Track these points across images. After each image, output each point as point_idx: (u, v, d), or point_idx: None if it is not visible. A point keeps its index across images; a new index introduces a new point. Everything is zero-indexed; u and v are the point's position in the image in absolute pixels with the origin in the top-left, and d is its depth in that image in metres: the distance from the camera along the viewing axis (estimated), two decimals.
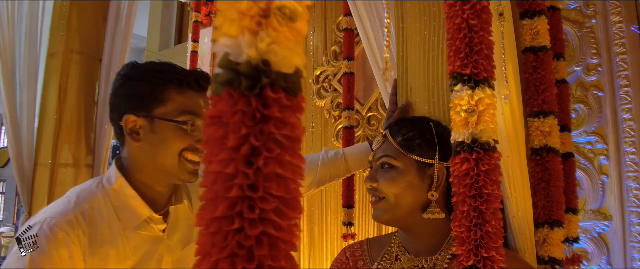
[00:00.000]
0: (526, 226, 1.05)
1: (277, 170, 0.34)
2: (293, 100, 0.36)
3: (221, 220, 0.33)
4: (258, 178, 0.34)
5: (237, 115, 0.34)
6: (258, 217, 0.34)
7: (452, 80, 0.71)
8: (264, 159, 0.34)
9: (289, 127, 0.35)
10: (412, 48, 1.22)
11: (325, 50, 3.04)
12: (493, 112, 0.70)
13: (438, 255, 0.97)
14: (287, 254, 0.35)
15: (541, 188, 1.13)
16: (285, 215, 0.35)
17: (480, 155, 0.69)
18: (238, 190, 0.33)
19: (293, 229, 0.36)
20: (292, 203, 0.35)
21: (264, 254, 0.33)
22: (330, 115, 2.94)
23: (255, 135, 0.34)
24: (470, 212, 0.69)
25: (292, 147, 0.35)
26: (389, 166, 1.00)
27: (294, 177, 0.35)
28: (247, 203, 0.33)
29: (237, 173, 0.33)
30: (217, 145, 0.34)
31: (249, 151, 0.34)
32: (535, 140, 1.15)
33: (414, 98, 1.20)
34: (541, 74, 1.14)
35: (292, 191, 0.35)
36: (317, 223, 2.86)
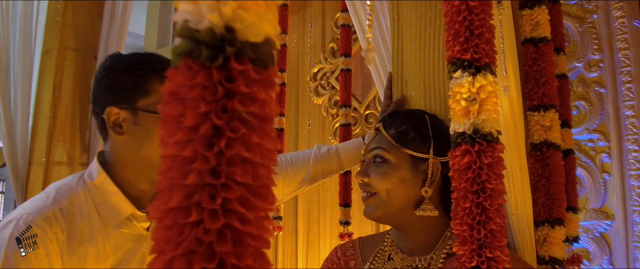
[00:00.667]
0: (526, 224, 1.01)
1: (243, 153, 0.30)
2: (263, 73, 0.31)
3: (176, 212, 0.29)
4: (220, 163, 0.29)
5: (196, 90, 0.29)
6: (220, 208, 0.29)
7: (451, 66, 0.67)
8: (227, 140, 0.29)
9: (257, 104, 0.30)
10: (408, 40, 1.18)
11: (323, 47, 3.00)
12: (495, 100, 0.66)
13: (432, 254, 0.93)
14: (256, 252, 0.31)
15: (541, 185, 1.09)
16: (252, 205, 0.30)
17: (483, 146, 0.65)
18: (196, 176, 0.29)
19: (263, 223, 0.31)
20: (262, 192, 0.31)
21: (226, 251, 0.29)
22: (328, 113, 2.90)
23: (217, 112, 0.29)
24: (472, 209, 0.65)
25: (262, 127, 0.31)
26: (381, 160, 0.95)
27: (263, 162, 0.31)
28: (207, 191, 0.29)
29: (195, 156, 0.29)
30: (173, 125, 0.30)
31: (210, 131, 0.29)
32: (535, 135, 1.11)
33: (409, 92, 1.16)
34: (541, 66, 1.09)
35: (262, 178, 0.31)
36: (315, 222, 2.83)
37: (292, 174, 1.23)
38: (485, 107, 0.66)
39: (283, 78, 2.76)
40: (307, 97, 2.99)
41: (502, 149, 0.66)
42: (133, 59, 1.00)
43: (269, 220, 0.31)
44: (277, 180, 1.22)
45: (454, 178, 0.66)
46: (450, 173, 0.67)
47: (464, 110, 0.65)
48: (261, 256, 0.31)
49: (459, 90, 0.66)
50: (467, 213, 0.65)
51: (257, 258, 0.31)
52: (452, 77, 0.66)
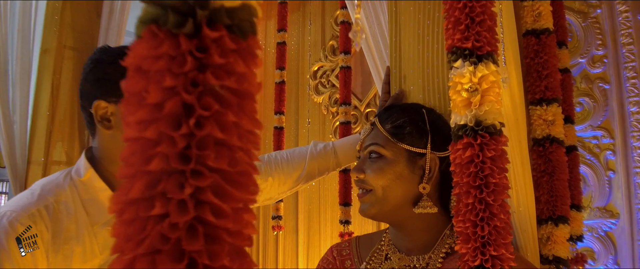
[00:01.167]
0: (528, 222, 0.98)
1: (217, 134, 0.26)
2: (241, 42, 0.28)
3: (138, 204, 0.25)
4: (189, 145, 0.26)
5: (161, 61, 0.25)
6: (189, 198, 0.26)
7: (451, 55, 0.64)
8: (197, 119, 0.26)
9: (234, 78, 0.27)
10: (406, 33, 1.14)
11: (323, 45, 2.97)
12: (498, 90, 0.63)
13: (431, 254, 0.90)
14: (234, 250, 0.27)
15: (544, 181, 1.06)
16: (228, 195, 0.26)
17: (486, 139, 0.62)
18: (161, 161, 0.25)
19: (242, 216, 0.27)
20: (239, 180, 0.27)
21: (197, 249, 0.25)
22: (328, 111, 2.87)
23: (186, 86, 0.26)
24: (476, 205, 0.62)
25: (239, 105, 0.27)
26: (377, 156, 0.92)
27: (242, 145, 0.27)
28: (174, 179, 0.25)
29: (160, 138, 0.25)
30: (136, 102, 0.26)
31: (177, 108, 0.26)
32: (538, 130, 1.07)
33: (408, 86, 1.13)
34: (544, 58, 1.06)
35: (239, 164, 0.27)
36: (315, 222, 2.80)
37: (288, 171, 1.20)
38: (488, 98, 0.63)
39: (283, 77, 2.73)
40: (307, 95, 2.96)
41: (506, 142, 0.63)
42: (121, 52, 0.97)
43: (249, 212, 0.28)
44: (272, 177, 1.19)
45: (455, 173, 0.63)
46: (451, 168, 0.64)
47: (465, 101, 0.62)
48: (240, 255, 0.28)
49: (460, 81, 0.63)
50: (470, 209, 0.62)
51: (236, 258, 0.27)
52: (452, 66, 0.63)
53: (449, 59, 0.64)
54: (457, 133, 0.64)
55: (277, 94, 2.73)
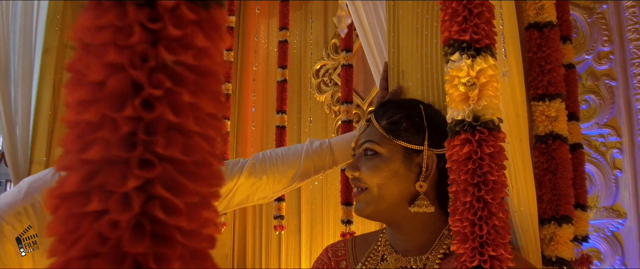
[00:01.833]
0: (529, 222, 0.94)
1: (169, 117, 0.22)
2: (202, 13, 0.24)
3: (73, 198, 0.22)
4: (136, 130, 0.22)
5: (105, 33, 0.22)
6: (134, 192, 0.22)
7: (448, 48, 0.61)
8: (145, 99, 0.22)
9: (192, 53, 0.23)
10: (405, 28, 1.12)
11: (325, 43, 2.95)
12: (496, 85, 0.61)
13: (428, 255, 0.87)
14: (189, 253, 0.23)
15: (547, 179, 1.02)
16: (182, 188, 0.23)
17: (485, 135, 0.60)
18: (101, 148, 0.22)
19: (199, 213, 0.24)
20: (196, 171, 0.23)
21: (142, 252, 0.22)
22: (331, 110, 2.85)
23: (133, 62, 0.22)
24: (474, 203, 0.59)
25: (198, 84, 0.24)
26: (373, 153, 0.89)
27: (201, 130, 0.24)
28: (117, 169, 0.22)
29: (101, 121, 0.22)
30: (76, 81, 0.23)
31: (123, 87, 0.22)
32: (540, 126, 1.04)
33: (406, 82, 1.10)
34: (547, 52, 1.02)
35: (197, 152, 0.23)
36: (318, 222, 2.78)
37: (282, 170, 1.18)
38: (486, 93, 0.60)
39: (285, 75, 2.71)
40: (309, 93, 2.94)
41: (504, 138, 0.60)
42: None
43: (209, 209, 0.24)
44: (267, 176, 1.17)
45: (451, 170, 0.61)
46: (448, 165, 0.62)
47: (463, 95, 0.60)
48: (198, 258, 0.24)
49: (457, 74, 0.60)
50: (468, 208, 0.60)
51: (191, 261, 0.24)
52: (449, 59, 0.61)
53: (446, 52, 0.61)
54: (454, 128, 0.61)
55: (279, 93, 2.70)
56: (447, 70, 0.61)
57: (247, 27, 3.36)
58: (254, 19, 3.29)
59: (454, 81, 0.62)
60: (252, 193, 1.18)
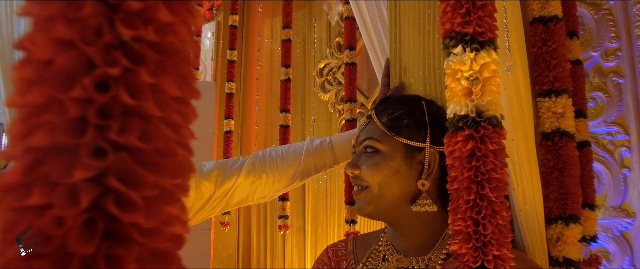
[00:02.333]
0: (536, 221, 0.92)
1: (125, 99, 0.20)
2: None
3: (14, 191, 0.19)
4: (86, 113, 0.20)
5: (53, 4, 0.20)
6: (83, 184, 0.19)
7: (449, 40, 0.59)
8: (98, 79, 0.20)
9: (154, 28, 0.21)
10: (406, 23, 1.09)
11: (329, 42, 2.93)
12: (499, 81, 0.59)
13: (430, 255, 0.84)
14: (149, 254, 0.21)
15: (553, 178, 0.99)
16: (140, 180, 0.20)
17: (489, 131, 0.58)
18: (46, 134, 0.19)
19: (160, 208, 0.21)
20: (158, 161, 0.21)
21: (91, 253, 0.19)
22: (335, 109, 2.82)
23: (85, 37, 0.20)
24: (477, 202, 0.57)
25: (160, 63, 0.21)
26: (373, 151, 0.87)
27: (163, 115, 0.21)
28: (64, 158, 0.19)
29: (48, 103, 0.19)
30: (25, 59, 0.21)
31: (72, 65, 0.20)
32: (546, 123, 1.01)
33: (408, 78, 1.08)
34: (552, 47, 0.99)
35: (159, 139, 0.21)
36: (322, 221, 2.76)
37: (282, 168, 1.15)
38: (489, 88, 0.58)
39: (288, 74, 2.69)
40: (313, 92, 2.92)
41: (505, 135, 0.58)
42: None
43: (175, 204, 0.22)
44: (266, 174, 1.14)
45: (452, 167, 0.59)
46: (448, 162, 0.59)
47: (465, 90, 0.58)
48: (160, 260, 0.22)
49: (460, 68, 0.58)
50: (472, 206, 0.58)
51: (152, 263, 0.21)
52: (451, 52, 0.58)
53: (446, 44, 0.59)
54: (456, 123, 0.59)
55: (283, 92, 2.68)
56: (448, 63, 0.59)
57: (250, 26, 3.34)
58: (257, 18, 3.28)
59: (457, 75, 0.60)
60: (252, 192, 1.15)
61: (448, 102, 0.61)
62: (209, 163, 1.16)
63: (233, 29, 3.05)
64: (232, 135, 2.85)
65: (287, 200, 2.55)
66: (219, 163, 1.16)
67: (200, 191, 1.12)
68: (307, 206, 2.83)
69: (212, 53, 3.53)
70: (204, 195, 1.12)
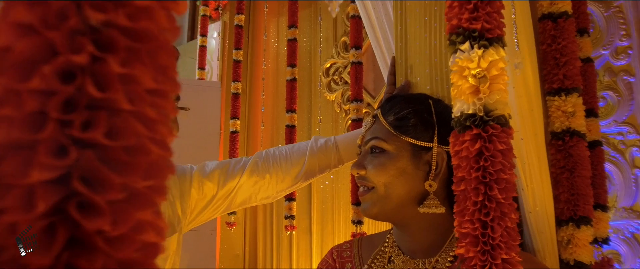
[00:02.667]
0: (546, 223, 0.89)
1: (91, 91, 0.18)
2: None
3: None
4: (48, 108, 0.18)
5: None
6: (41, 187, 0.17)
7: (456, 36, 0.57)
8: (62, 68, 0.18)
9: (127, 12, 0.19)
10: (412, 20, 1.07)
11: (335, 41, 2.91)
12: (507, 79, 0.57)
13: (438, 257, 0.82)
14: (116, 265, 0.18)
15: (564, 178, 0.96)
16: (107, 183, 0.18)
17: (497, 130, 0.56)
18: (1, 129, 0.17)
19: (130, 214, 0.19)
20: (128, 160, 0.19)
21: (49, 264, 0.17)
22: (341, 109, 2.80)
23: (48, 21, 0.18)
24: (486, 203, 0.55)
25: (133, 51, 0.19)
26: (379, 151, 0.85)
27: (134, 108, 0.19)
28: (20, 157, 0.17)
29: (3, 96, 0.17)
30: None
31: (35, 52, 0.18)
32: (556, 122, 0.98)
33: (414, 77, 1.06)
34: (562, 44, 0.97)
35: (129, 136, 0.19)
36: (329, 222, 2.74)
37: (286, 168, 1.13)
38: (497, 86, 0.57)
39: (294, 74, 2.68)
40: (319, 92, 2.90)
41: (512, 134, 0.56)
42: None
43: (147, 209, 0.20)
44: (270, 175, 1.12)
45: (458, 168, 0.57)
46: (454, 162, 0.57)
47: (472, 88, 0.56)
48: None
49: (467, 65, 0.56)
50: (480, 208, 0.56)
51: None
52: (458, 49, 0.56)
53: (453, 40, 0.57)
54: (463, 122, 0.57)
55: (289, 92, 2.67)
56: (455, 60, 0.57)
57: (256, 25, 3.33)
58: (263, 18, 3.26)
59: (464, 72, 0.58)
60: (255, 193, 1.13)
61: (454, 100, 0.59)
62: (211, 163, 1.14)
63: (239, 29, 3.04)
64: (238, 135, 2.84)
65: (293, 201, 2.53)
66: (221, 163, 1.14)
67: (203, 192, 1.10)
68: (313, 206, 2.82)
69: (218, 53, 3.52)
70: (207, 196, 1.11)
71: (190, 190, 1.08)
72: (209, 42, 3.49)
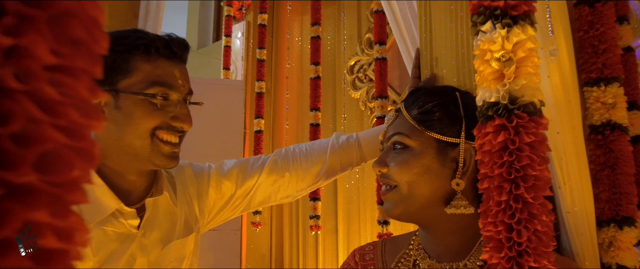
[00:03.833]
0: (586, 224, 0.82)
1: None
2: None
3: None
4: None
5: None
6: None
7: (477, 16, 0.52)
8: None
9: None
10: (437, 10, 1.01)
11: (359, 38, 2.86)
12: (537, 61, 0.51)
13: (466, 261, 0.77)
14: None
15: (604, 175, 0.89)
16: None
17: (524, 120, 0.50)
18: None
19: (18, 215, 0.16)
20: (24, 155, 0.16)
21: None
22: (366, 107, 2.75)
23: None
24: (511, 203, 0.49)
25: (29, 18, 0.16)
26: (402, 147, 0.80)
27: (30, 88, 0.16)
28: None
29: None
30: None
31: None
32: (595, 115, 0.91)
33: (440, 70, 1.00)
34: (600, 30, 0.89)
35: (25, 122, 0.16)
36: (355, 222, 2.69)
37: (306, 166, 1.09)
38: (524, 69, 0.50)
39: (318, 72, 2.64)
40: (343, 90, 2.86)
41: (546, 124, 0.50)
42: (112, 36, 0.91)
43: (42, 210, 0.16)
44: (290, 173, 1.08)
45: (482, 163, 0.51)
46: (478, 157, 0.52)
47: (496, 73, 0.50)
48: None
49: (489, 48, 0.50)
50: (503, 209, 0.50)
51: None
52: (479, 30, 0.51)
53: (475, 22, 0.51)
54: (485, 112, 0.52)
55: (312, 90, 2.64)
56: (477, 44, 0.51)
57: (279, 24, 3.31)
58: (286, 17, 3.24)
59: (486, 55, 0.52)
60: (275, 192, 1.10)
61: (477, 88, 0.53)
62: (229, 161, 1.12)
63: (262, 28, 3.03)
64: (262, 134, 2.82)
65: (318, 200, 2.50)
66: (239, 161, 1.11)
67: (221, 191, 1.07)
68: (339, 206, 2.78)
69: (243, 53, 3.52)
70: (225, 195, 1.08)
71: (208, 189, 1.06)
72: (234, 42, 3.49)
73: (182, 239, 0.99)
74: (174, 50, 0.92)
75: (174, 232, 0.98)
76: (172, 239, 0.97)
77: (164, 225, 0.97)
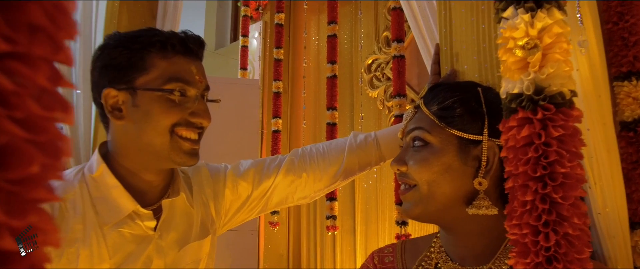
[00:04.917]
0: (618, 226, 0.78)
1: None
2: None
3: None
4: None
5: None
6: None
7: (499, 2, 0.48)
8: None
9: None
10: (457, 4, 0.98)
11: (376, 36, 2.82)
12: (566, 47, 0.46)
13: (491, 265, 0.73)
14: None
15: (637, 174, 0.85)
16: None
17: (551, 112, 0.46)
18: None
19: None
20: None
21: None
22: (384, 106, 2.72)
23: None
24: (537, 204, 0.45)
25: None
26: (422, 144, 0.77)
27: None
28: None
29: None
30: None
31: None
32: (626, 111, 0.86)
33: (461, 65, 0.97)
34: (630, 22, 0.85)
35: None
36: (373, 222, 2.66)
37: (323, 167, 1.07)
38: (552, 57, 0.46)
39: (334, 70, 2.62)
40: (360, 89, 2.83)
41: (580, 117, 0.46)
42: (128, 35, 0.91)
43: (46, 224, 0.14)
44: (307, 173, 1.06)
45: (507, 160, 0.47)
46: (502, 153, 0.48)
47: (521, 62, 0.46)
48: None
49: (512, 35, 0.47)
50: (529, 210, 0.46)
51: None
52: (501, 17, 0.47)
53: (497, 8, 0.48)
54: (509, 105, 0.48)
55: (329, 89, 2.61)
56: (500, 32, 0.48)
57: (296, 24, 3.30)
58: (303, 16, 3.22)
59: (509, 43, 0.48)
60: (292, 192, 1.08)
61: (502, 79, 0.49)
62: (246, 162, 1.10)
63: (279, 28, 3.02)
64: (280, 134, 2.81)
65: (335, 200, 2.48)
66: (256, 162, 1.10)
67: (237, 192, 1.06)
68: (357, 206, 2.75)
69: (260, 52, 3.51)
70: (242, 196, 1.06)
71: (224, 191, 1.04)
72: (251, 42, 3.49)
73: (199, 241, 0.97)
74: (190, 47, 0.91)
75: (191, 234, 0.97)
76: (188, 241, 0.95)
77: (181, 227, 0.96)
